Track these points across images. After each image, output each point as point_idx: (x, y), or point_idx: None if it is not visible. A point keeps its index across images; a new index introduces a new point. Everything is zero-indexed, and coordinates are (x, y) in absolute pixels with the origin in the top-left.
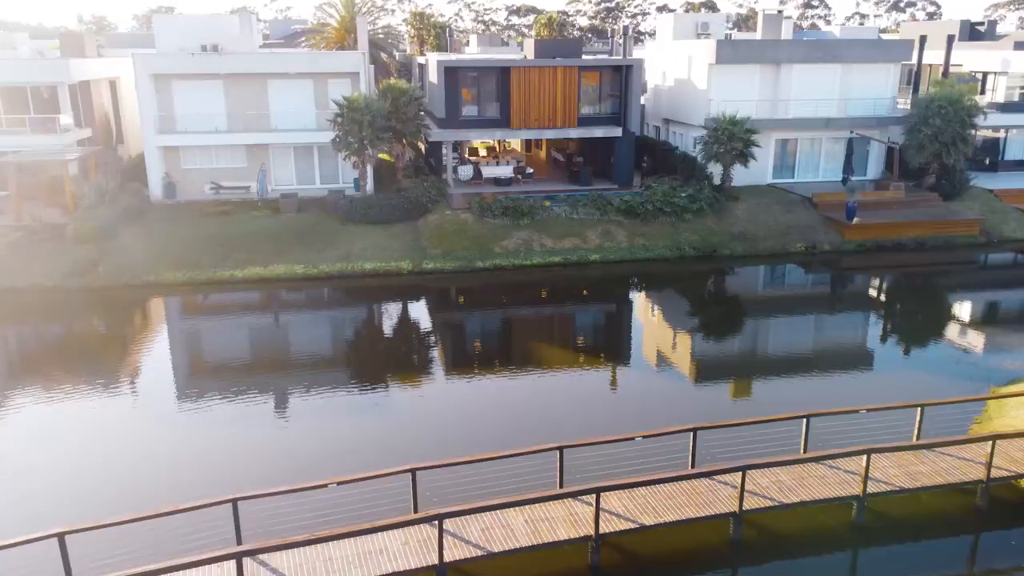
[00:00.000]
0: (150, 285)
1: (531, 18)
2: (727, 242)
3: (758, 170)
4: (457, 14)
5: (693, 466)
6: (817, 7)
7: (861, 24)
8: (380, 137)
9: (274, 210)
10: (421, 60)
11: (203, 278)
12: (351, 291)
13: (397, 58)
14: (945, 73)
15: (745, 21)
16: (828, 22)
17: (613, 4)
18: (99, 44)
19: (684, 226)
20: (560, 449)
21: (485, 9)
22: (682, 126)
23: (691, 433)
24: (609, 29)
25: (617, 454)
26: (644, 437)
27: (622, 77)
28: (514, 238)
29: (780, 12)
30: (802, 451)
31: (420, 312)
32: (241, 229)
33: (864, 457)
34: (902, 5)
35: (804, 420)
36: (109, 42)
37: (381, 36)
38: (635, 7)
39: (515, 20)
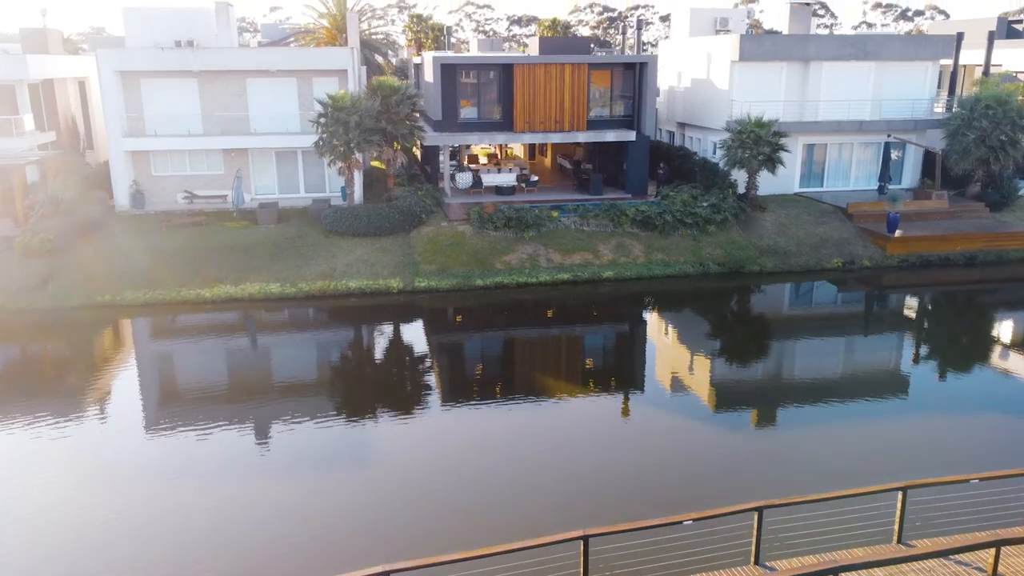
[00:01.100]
0: (105, 306)
1: (532, 28)
2: (755, 257)
3: (784, 178)
4: (458, 24)
5: (758, 559)
6: (823, 16)
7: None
8: (368, 140)
9: (251, 221)
10: (417, 60)
11: (166, 298)
12: (333, 312)
13: (394, 63)
14: (986, 72)
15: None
16: (832, 32)
17: (615, 14)
18: (82, 47)
19: (707, 239)
20: (584, 539)
21: (486, 19)
22: (700, 130)
23: (755, 513)
24: (617, 30)
25: (658, 542)
26: (696, 520)
27: (635, 76)
28: (518, 252)
29: (808, 4)
30: (896, 536)
31: (410, 336)
32: (212, 243)
33: (992, 551)
34: (910, 14)
35: (899, 494)
36: (101, 45)
37: (377, 37)
38: (639, 15)
39: (516, 30)
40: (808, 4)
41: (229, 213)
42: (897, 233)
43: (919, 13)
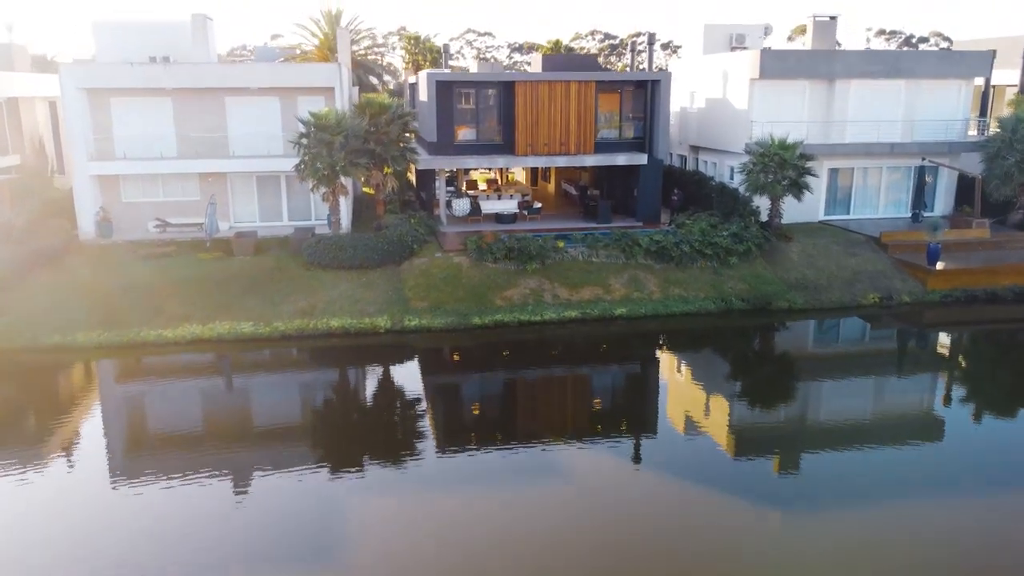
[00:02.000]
0: (53, 349)
1: (534, 56)
2: (783, 292)
3: (808, 204)
4: (459, 52)
5: None
6: None
7: None
8: (355, 163)
9: (226, 252)
10: (413, 80)
11: (123, 340)
12: (310, 355)
13: (391, 86)
14: (1022, 90)
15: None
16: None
17: (617, 41)
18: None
19: (728, 272)
20: None
21: (487, 47)
22: (715, 153)
23: None
24: (619, 57)
25: None
26: None
27: (647, 95)
28: (520, 287)
29: (834, 18)
30: None
31: (396, 382)
32: (181, 276)
33: None
34: (914, 41)
35: None
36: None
37: (372, 58)
38: (649, 32)
39: (518, 57)
40: (834, 18)
41: (203, 243)
42: (939, 265)
43: (923, 39)
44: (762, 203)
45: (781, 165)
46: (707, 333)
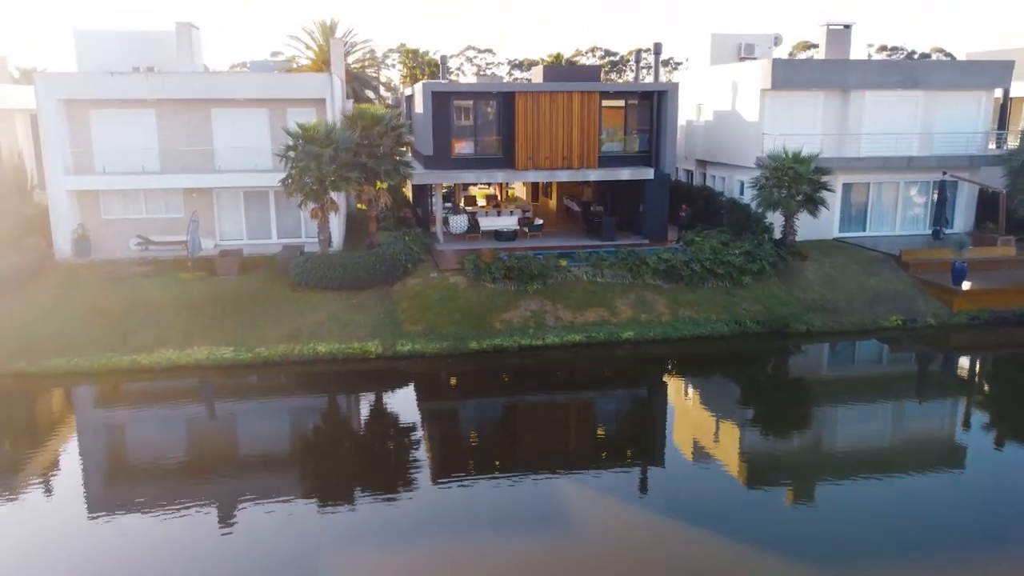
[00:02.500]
0: (18, 376)
1: (535, 69)
2: (800, 314)
3: (822, 221)
4: (459, 68)
5: None
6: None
7: None
8: (346, 177)
9: (209, 271)
10: (409, 92)
11: (94, 366)
12: (295, 382)
13: (388, 100)
14: None
15: None
16: None
17: (618, 58)
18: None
19: (742, 293)
20: None
21: (487, 63)
22: (724, 168)
23: None
24: (620, 74)
25: None
26: None
27: (653, 106)
28: (520, 309)
29: (848, 27)
30: None
31: (387, 411)
32: (159, 297)
33: None
34: (915, 57)
35: None
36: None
37: (368, 70)
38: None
39: (518, 74)
40: (848, 27)
41: (186, 262)
42: (965, 285)
43: (925, 56)
44: (775, 220)
45: (795, 180)
46: (721, 357)
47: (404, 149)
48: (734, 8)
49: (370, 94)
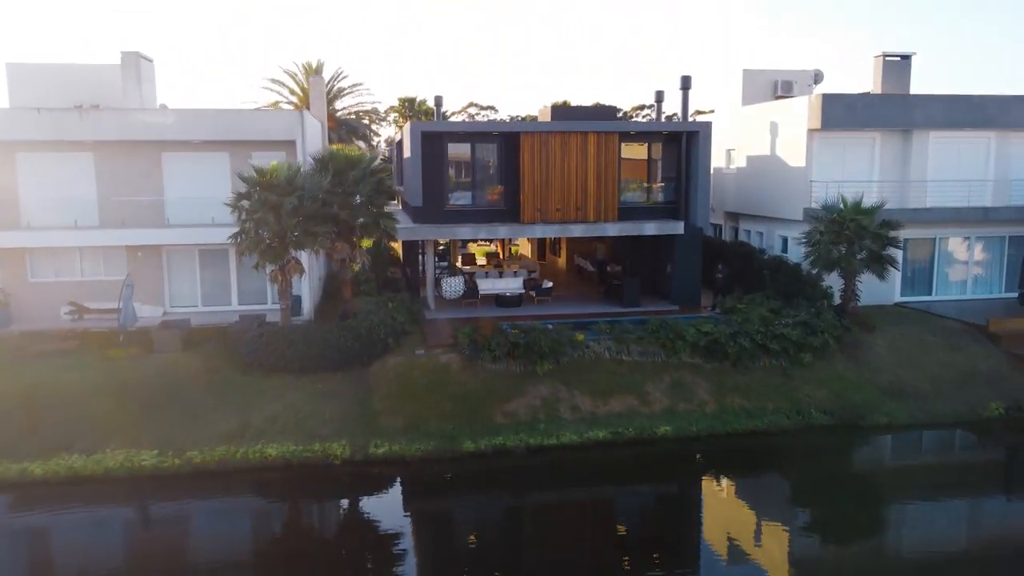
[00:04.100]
0: None
1: (542, 108)
2: (877, 401)
3: (879, 283)
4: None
5: None
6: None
7: None
8: (312, 231)
9: (145, 347)
10: (397, 137)
11: None
12: (233, 498)
13: (381, 149)
14: None
15: None
16: None
17: (621, 114)
18: None
19: (801, 374)
20: None
21: (490, 120)
22: (762, 221)
23: None
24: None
25: None
26: None
27: (681, 149)
28: (528, 396)
29: (907, 58)
30: None
31: (352, 541)
32: (74, 383)
33: None
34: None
35: None
36: None
37: (358, 119)
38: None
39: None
40: (906, 57)
41: (118, 335)
42: None
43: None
44: (830, 283)
45: (858, 234)
46: (785, 456)
47: (394, 200)
48: (741, 49)
49: (360, 144)
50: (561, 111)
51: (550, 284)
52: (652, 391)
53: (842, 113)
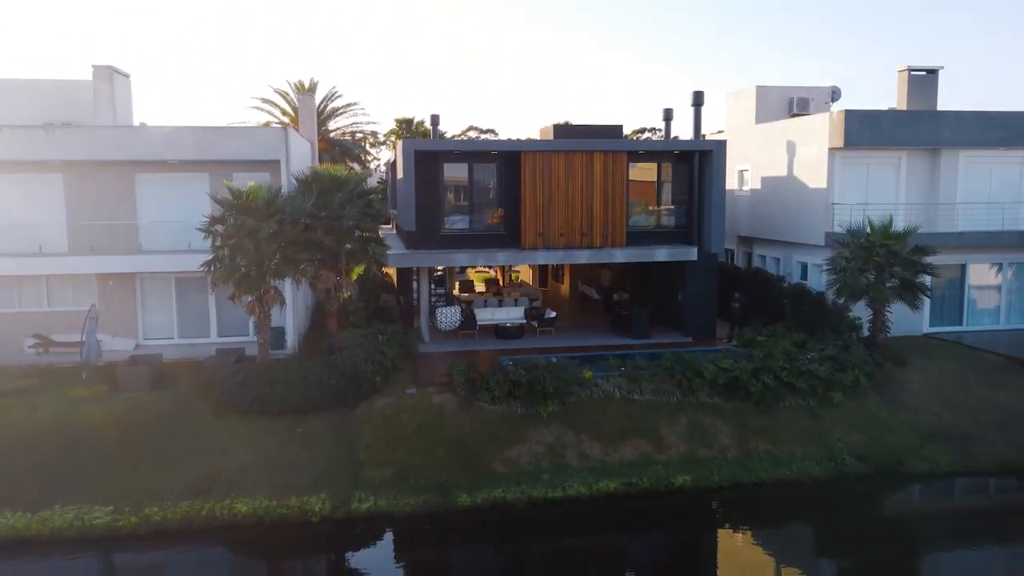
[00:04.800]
0: None
1: (543, 127)
2: (915, 445)
3: (906, 312)
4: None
5: None
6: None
7: None
8: (293, 259)
9: (111, 385)
10: (391, 157)
11: None
12: (196, 562)
13: (379, 171)
14: None
15: None
16: None
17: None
18: None
19: (832, 414)
20: None
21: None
22: (779, 246)
23: None
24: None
25: None
26: None
27: (694, 169)
28: (531, 442)
29: (934, 72)
30: None
31: None
32: (25, 427)
33: None
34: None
35: None
36: None
37: (350, 138)
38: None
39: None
40: (933, 72)
41: (81, 372)
42: None
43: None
44: (856, 312)
45: (889, 260)
46: (819, 509)
47: (388, 225)
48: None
49: (355, 166)
50: (564, 130)
51: (553, 314)
52: (668, 435)
53: (866, 130)
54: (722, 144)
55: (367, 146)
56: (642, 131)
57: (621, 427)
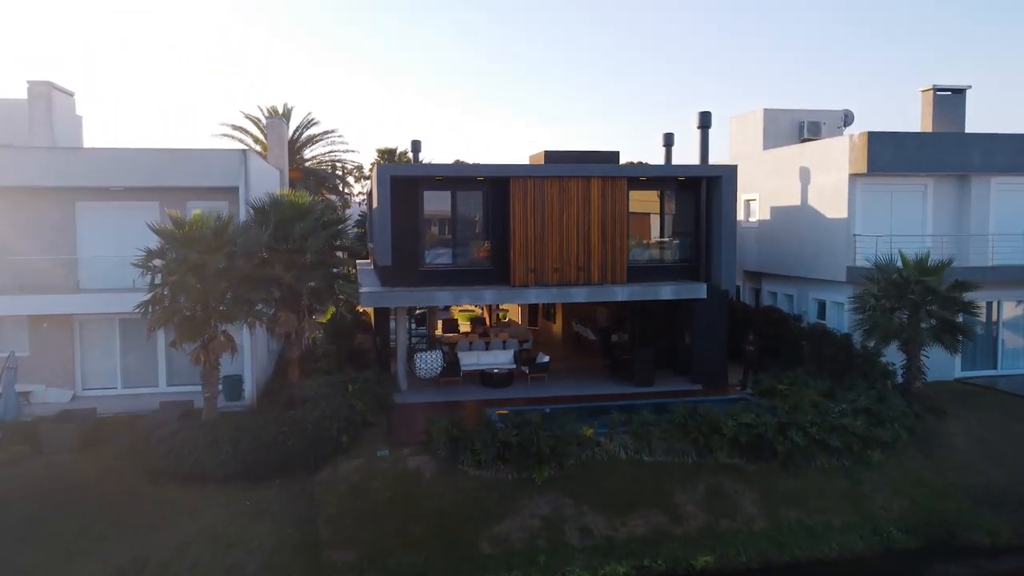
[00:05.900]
0: None
1: (533, 154)
2: (969, 511)
3: (937, 357)
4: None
5: None
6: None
7: None
8: (245, 298)
9: (33, 446)
10: (368, 187)
11: None
12: None
13: (356, 204)
14: None
15: None
16: None
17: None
18: None
19: (870, 476)
20: None
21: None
22: (792, 282)
23: None
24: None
25: None
26: None
27: (700, 198)
28: (524, 514)
29: (961, 92)
30: None
31: None
32: None
33: None
34: None
35: None
36: None
37: (329, 168)
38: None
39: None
40: (960, 91)
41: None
42: None
43: None
44: (887, 356)
45: (925, 298)
46: None
47: (342, 255)
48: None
49: (332, 198)
50: (556, 156)
51: (546, 358)
52: (684, 503)
53: (891, 154)
54: (732, 169)
55: (351, 180)
56: (633, 163)
57: (629, 495)
